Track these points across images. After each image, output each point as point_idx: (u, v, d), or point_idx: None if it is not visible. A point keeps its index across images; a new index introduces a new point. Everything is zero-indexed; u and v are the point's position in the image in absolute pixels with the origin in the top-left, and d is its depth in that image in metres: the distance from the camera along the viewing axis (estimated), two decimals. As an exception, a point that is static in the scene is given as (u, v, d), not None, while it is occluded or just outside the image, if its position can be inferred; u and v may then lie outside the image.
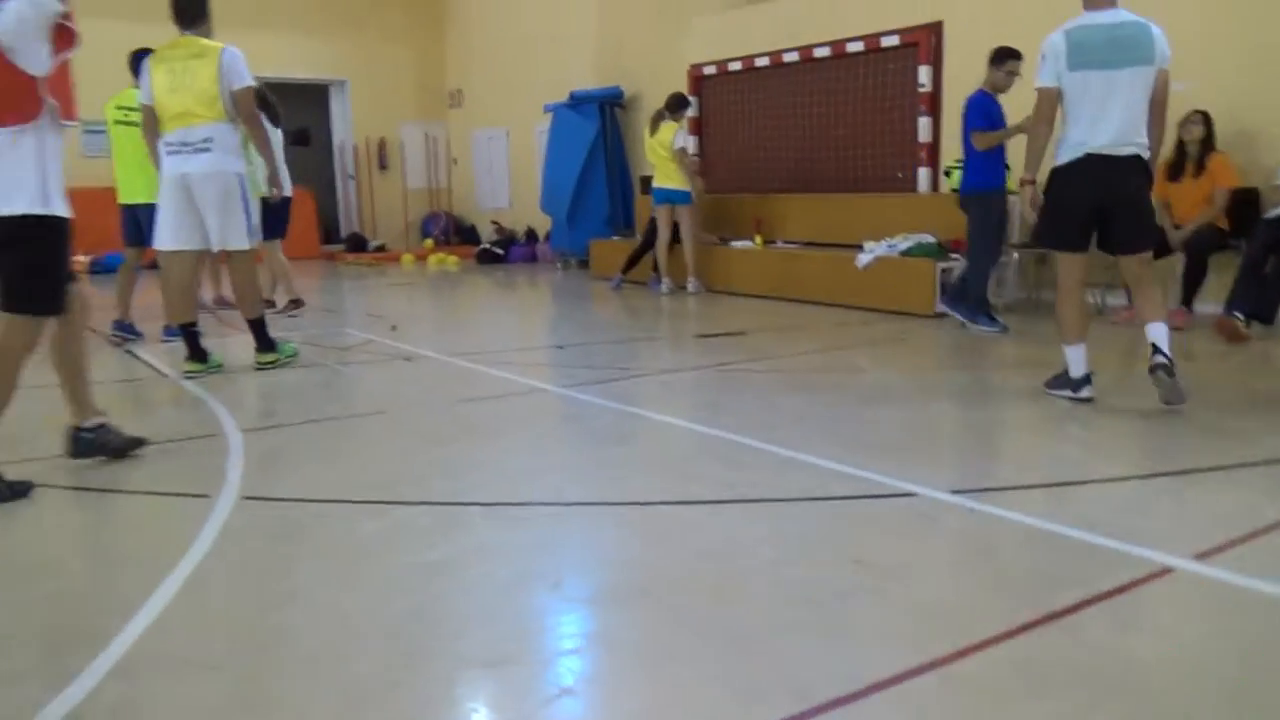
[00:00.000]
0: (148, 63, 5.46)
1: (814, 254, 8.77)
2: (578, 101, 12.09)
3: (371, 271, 12.78)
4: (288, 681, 2.09)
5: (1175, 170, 6.73)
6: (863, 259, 7.98)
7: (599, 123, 11.93)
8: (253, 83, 5.42)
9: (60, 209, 3.40)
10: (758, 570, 2.65)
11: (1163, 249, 6.84)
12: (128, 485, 3.55)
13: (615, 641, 2.29)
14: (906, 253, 7.79)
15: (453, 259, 13.61)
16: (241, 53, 5.38)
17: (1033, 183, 4.65)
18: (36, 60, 3.26)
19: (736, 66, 10.55)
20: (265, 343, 5.78)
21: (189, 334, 5.61)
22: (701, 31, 11.12)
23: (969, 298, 6.80)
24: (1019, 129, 6.17)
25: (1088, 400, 4.53)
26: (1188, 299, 6.64)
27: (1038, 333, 6.71)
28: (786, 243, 9.51)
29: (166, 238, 5.49)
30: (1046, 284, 7.10)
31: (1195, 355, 5.76)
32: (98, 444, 3.78)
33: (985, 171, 6.70)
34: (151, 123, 5.47)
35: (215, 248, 5.60)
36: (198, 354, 5.63)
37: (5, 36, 3.18)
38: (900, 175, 9.12)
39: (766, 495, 3.32)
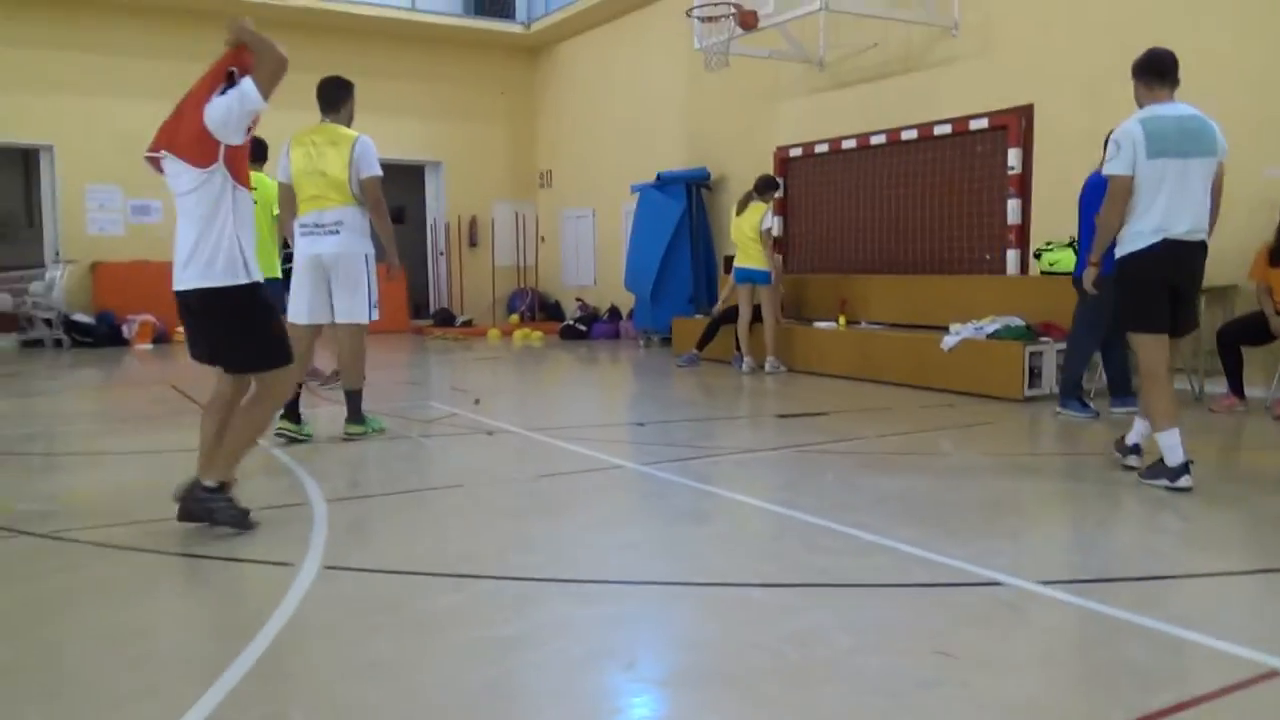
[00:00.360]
0: (288, 143, 5.79)
1: (898, 335, 8.68)
2: (664, 182, 12.29)
3: (458, 346, 13.04)
4: (361, 753, 2.09)
5: (1277, 255, 6.53)
6: (948, 341, 7.88)
7: (685, 203, 12.10)
8: (379, 173, 5.81)
9: (257, 275, 3.81)
10: (836, 658, 2.59)
11: (1264, 336, 6.62)
12: (215, 551, 3.64)
13: (688, 726, 2.25)
14: (994, 335, 7.66)
15: (537, 335, 13.82)
16: (373, 142, 5.77)
17: (1097, 266, 4.87)
18: (234, 138, 3.72)
19: (823, 148, 10.64)
20: (357, 415, 5.93)
21: (294, 396, 5.81)
22: (788, 114, 11.27)
23: (1066, 384, 6.63)
24: None
25: (1186, 490, 4.37)
26: (1293, 387, 6.38)
27: (1127, 420, 6.50)
28: (871, 324, 9.45)
29: (302, 312, 5.81)
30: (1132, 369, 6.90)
31: (1301, 446, 5.52)
32: (207, 507, 3.81)
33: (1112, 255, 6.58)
34: (288, 201, 5.84)
35: (339, 320, 5.86)
36: (294, 415, 5.82)
37: (211, 124, 3.65)
38: (989, 257, 9.03)
39: (846, 580, 3.26)
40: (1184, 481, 4.39)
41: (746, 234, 9.32)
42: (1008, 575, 3.23)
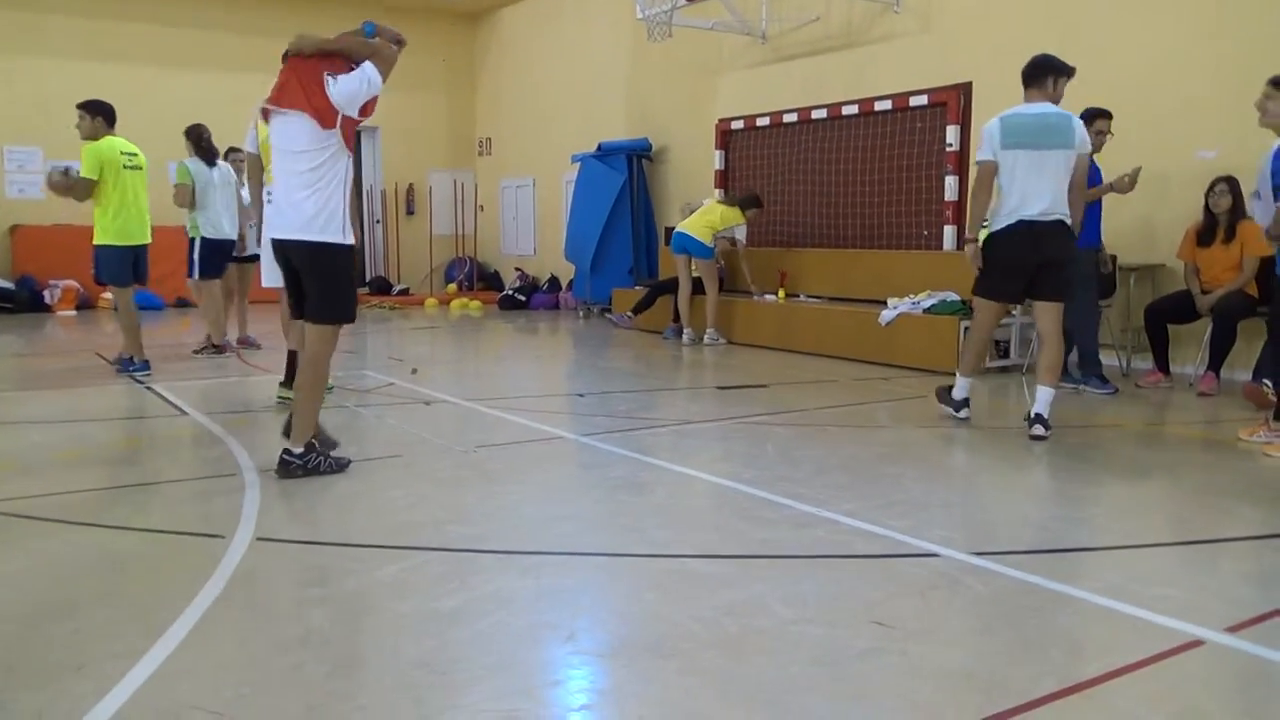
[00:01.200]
0: (256, 113, 5.67)
1: (837, 309, 8.75)
2: (606, 152, 12.20)
3: (395, 315, 12.86)
4: (295, 729, 2.05)
5: (1206, 236, 6.69)
6: (886, 315, 7.96)
7: (626, 174, 12.02)
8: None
9: (350, 239, 4.16)
10: (776, 628, 2.60)
11: (1190, 314, 6.79)
12: (143, 523, 3.55)
13: (630, 698, 2.24)
14: (930, 310, 7.76)
15: (475, 304, 13.68)
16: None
17: (974, 241, 5.45)
18: (352, 112, 4.08)
19: (764, 122, 10.63)
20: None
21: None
22: (730, 86, 11.23)
23: (1084, 360, 6.74)
24: (1109, 188, 6.44)
25: (965, 420, 5.54)
26: (1215, 365, 6.55)
27: (1058, 396, 6.65)
28: (810, 297, 9.51)
29: (276, 277, 5.69)
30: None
31: (1222, 422, 5.68)
32: (305, 468, 4.16)
33: (1088, 229, 6.73)
34: (256, 171, 5.77)
35: None
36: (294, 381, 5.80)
37: (339, 98, 4.01)
38: (926, 233, 9.12)
39: (785, 551, 3.27)
40: (964, 413, 5.57)
41: (707, 219, 9.36)
42: (944, 547, 3.27)
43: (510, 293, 14.05)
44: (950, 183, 8.82)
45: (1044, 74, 5.28)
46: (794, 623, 2.64)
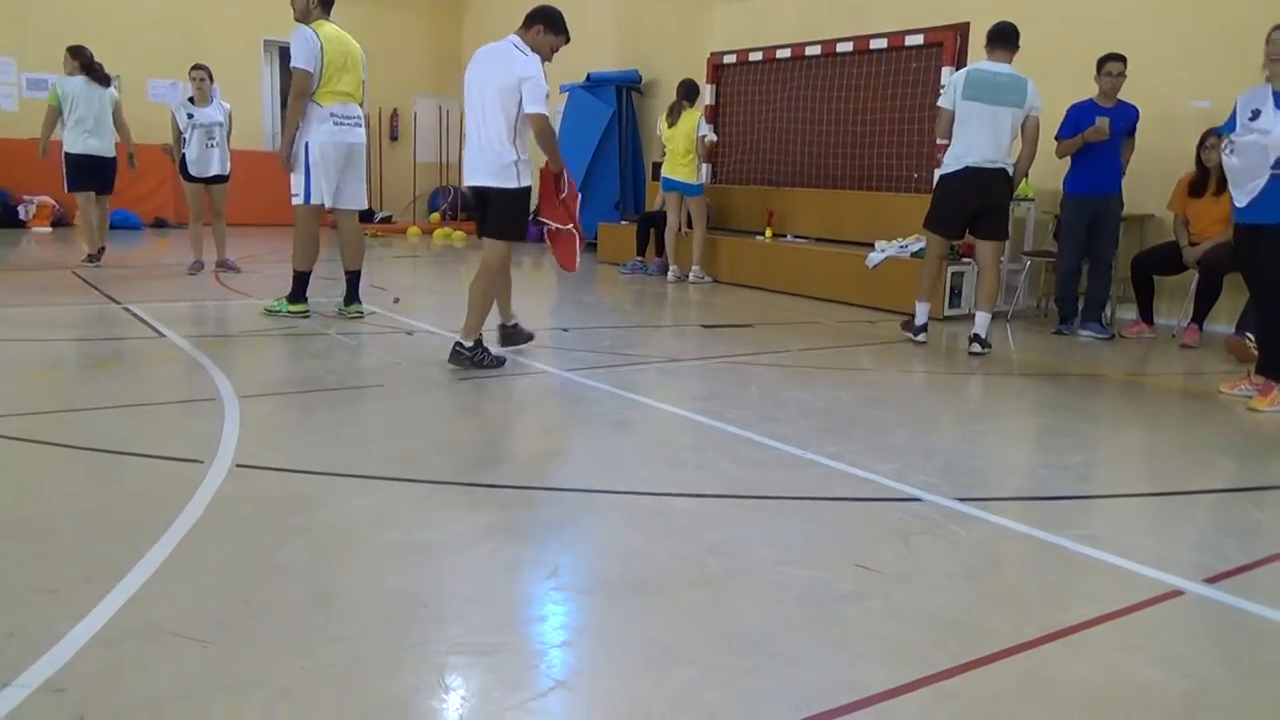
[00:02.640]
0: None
1: (824, 250, 8.69)
2: (594, 84, 11.99)
3: (376, 243, 12.70)
4: (275, 659, 2.03)
5: (1197, 188, 6.66)
6: (873, 258, 7.92)
7: (614, 106, 11.83)
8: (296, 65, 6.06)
9: (526, 182, 4.99)
10: (759, 569, 2.59)
11: (1177, 266, 6.79)
12: (121, 446, 3.50)
13: (611, 635, 2.23)
14: (917, 254, 7.71)
15: (459, 234, 13.52)
16: (308, 36, 6.06)
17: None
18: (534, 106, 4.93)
19: (757, 56, 10.45)
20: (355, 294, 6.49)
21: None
22: (724, 20, 11.02)
23: (1089, 304, 6.88)
24: (1083, 139, 6.57)
25: (922, 344, 6.21)
26: (1200, 317, 6.57)
27: (1044, 344, 6.66)
28: (797, 237, 9.44)
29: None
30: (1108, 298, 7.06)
31: (1205, 374, 5.71)
32: (472, 360, 4.94)
33: (1070, 175, 6.87)
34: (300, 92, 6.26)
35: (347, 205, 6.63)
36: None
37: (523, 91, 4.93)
38: (916, 176, 9.04)
39: (770, 492, 3.27)
40: (922, 337, 6.26)
41: (682, 144, 9.16)
42: (927, 492, 3.27)
43: (494, 223, 13.89)
44: (944, 125, 8.71)
45: (1011, 40, 5.98)
46: (777, 564, 2.63)
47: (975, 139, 5.84)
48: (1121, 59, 6.62)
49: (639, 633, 2.23)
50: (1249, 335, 5.93)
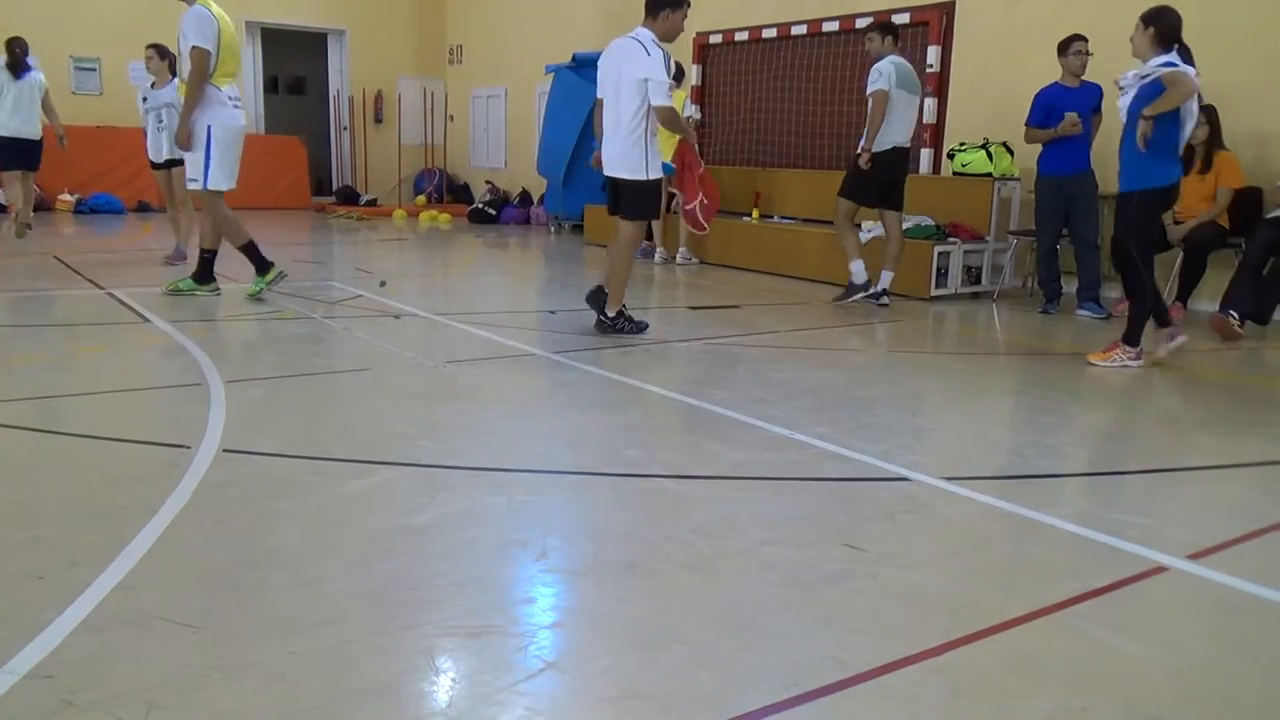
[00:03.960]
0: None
1: (811, 230, 8.69)
2: (581, 64, 11.90)
3: (362, 225, 12.64)
4: (263, 643, 2.03)
5: (1182, 165, 6.66)
6: (860, 237, 7.90)
7: (600, 86, 11.75)
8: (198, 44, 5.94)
9: (655, 174, 5.42)
10: (748, 549, 2.60)
11: (1161, 244, 6.81)
12: (107, 431, 3.48)
13: (601, 616, 2.24)
14: (904, 234, 7.71)
15: (445, 217, 13.47)
16: (204, 11, 5.89)
17: (869, 151, 6.67)
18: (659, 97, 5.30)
19: (743, 36, 10.42)
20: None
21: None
22: (708, -1, 10.97)
23: (1085, 284, 6.93)
24: (1056, 133, 6.69)
25: (880, 298, 6.87)
26: (1184, 295, 6.61)
27: (1030, 324, 6.68)
28: (784, 218, 9.43)
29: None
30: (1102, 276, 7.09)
31: (1189, 352, 5.74)
32: (616, 329, 5.56)
33: (1042, 156, 6.98)
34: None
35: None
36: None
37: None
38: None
39: (758, 473, 3.28)
40: (874, 288, 6.87)
41: (666, 140, 9.12)
42: (914, 471, 3.29)
43: (480, 206, 13.84)
44: (929, 104, 8.71)
45: (891, 36, 6.87)
46: (765, 544, 2.64)
47: (902, 122, 6.63)
48: (1086, 39, 6.64)
49: (629, 613, 2.24)
50: (1233, 313, 5.97)
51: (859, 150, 6.75)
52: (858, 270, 6.89)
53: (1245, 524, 2.93)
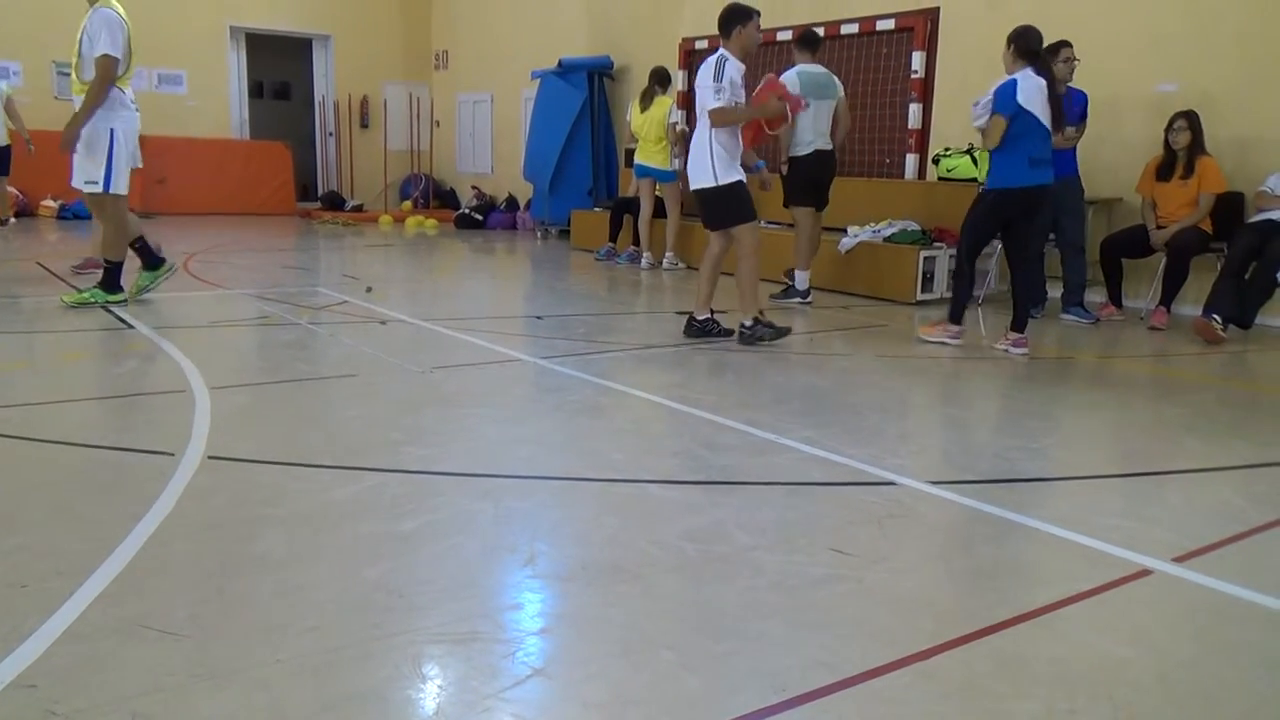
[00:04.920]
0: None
1: (794, 235, 8.68)
2: (566, 70, 11.92)
3: (348, 231, 12.61)
4: (249, 651, 2.02)
5: (1164, 171, 6.71)
6: (845, 243, 7.94)
7: (586, 92, 11.78)
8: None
9: (729, 178, 5.44)
10: (735, 554, 2.60)
11: (1145, 249, 6.85)
12: (90, 439, 3.46)
13: (588, 622, 2.23)
14: (890, 239, 7.75)
15: (431, 222, 13.44)
16: (112, 14, 5.72)
17: (788, 162, 7.24)
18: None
19: (728, 42, 10.42)
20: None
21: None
22: (695, 5, 10.99)
23: (1070, 289, 6.97)
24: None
25: (808, 303, 7.26)
26: (1168, 299, 6.64)
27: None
28: (770, 223, 9.44)
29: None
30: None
31: (1173, 355, 5.78)
32: (709, 331, 5.72)
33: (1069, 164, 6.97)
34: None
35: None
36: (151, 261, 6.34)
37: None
38: (888, 161, 9.07)
39: (745, 478, 3.28)
40: (809, 298, 7.33)
41: (655, 130, 9.15)
42: (900, 475, 3.30)
43: (467, 211, 13.82)
44: (914, 110, 8.76)
45: (819, 44, 7.27)
46: (753, 549, 2.64)
47: (817, 123, 7.01)
48: (1071, 45, 6.68)
49: (616, 619, 2.23)
50: (1216, 317, 6.01)
51: (782, 161, 7.34)
52: (801, 278, 7.37)
53: (1229, 527, 2.95)
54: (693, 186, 5.60)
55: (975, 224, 5.69)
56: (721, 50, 5.52)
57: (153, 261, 6.36)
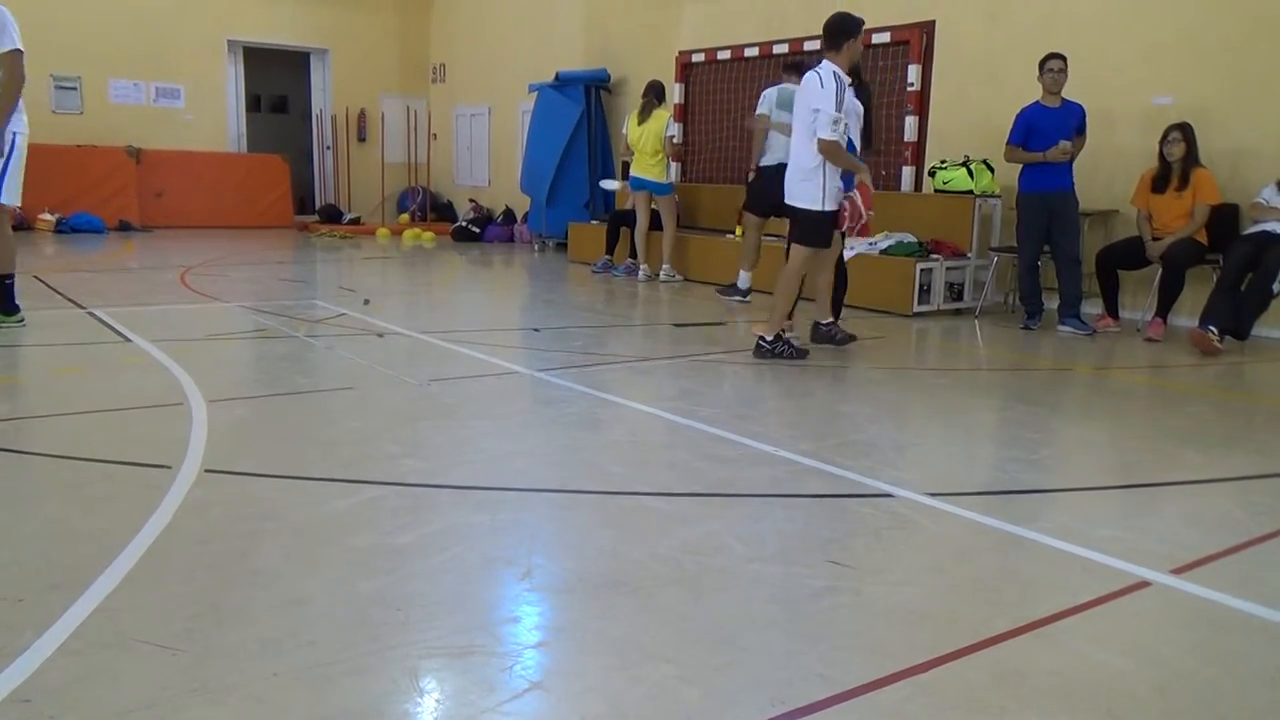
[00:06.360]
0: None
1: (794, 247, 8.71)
2: (563, 82, 11.95)
3: (345, 244, 12.62)
4: (246, 665, 2.01)
5: (1159, 183, 6.73)
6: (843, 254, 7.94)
7: (583, 105, 11.81)
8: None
9: (830, 205, 5.46)
10: (732, 566, 2.60)
11: (1141, 260, 6.87)
12: (87, 452, 3.45)
13: (586, 634, 2.23)
14: (886, 251, 7.76)
15: (428, 235, 13.46)
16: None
17: (756, 170, 7.69)
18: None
19: (725, 55, 10.48)
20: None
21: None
22: (692, 18, 11.04)
23: (1066, 300, 6.97)
24: (1043, 158, 6.76)
25: (746, 302, 7.77)
26: (1164, 311, 6.65)
27: (1012, 340, 6.72)
28: (767, 235, 9.45)
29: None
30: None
31: (1170, 367, 5.78)
32: (776, 351, 5.56)
33: (1023, 174, 7.05)
34: None
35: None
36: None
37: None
38: (884, 173, 9.09)
39: (743, 490, 3.28)
40: (748, 298, 7.83)
41: (651, 143, 9.18)
42: (897, 487, 3.29)
43: (464, 224, 13.84)
44: (910, 123, 8.78)
45: (797, 70, 6.97)
46: (751, 561, 2.64)
47: (784, 143, 6.75)
48: (1061, 57, 6.72)
49: (614, 632, 2.23)
50: (1212, 328, 6.02)
51: (751, 169, 7.76)
52: (745, 279, 7.92)
53: (1228, 538, 2.95)
54: (794, 203, 5.54)
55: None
56: (827, 63, 5.33)
57: (8, 307, 5.73)
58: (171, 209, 13.56)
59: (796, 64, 7.55)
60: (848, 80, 5.32)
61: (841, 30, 5.33)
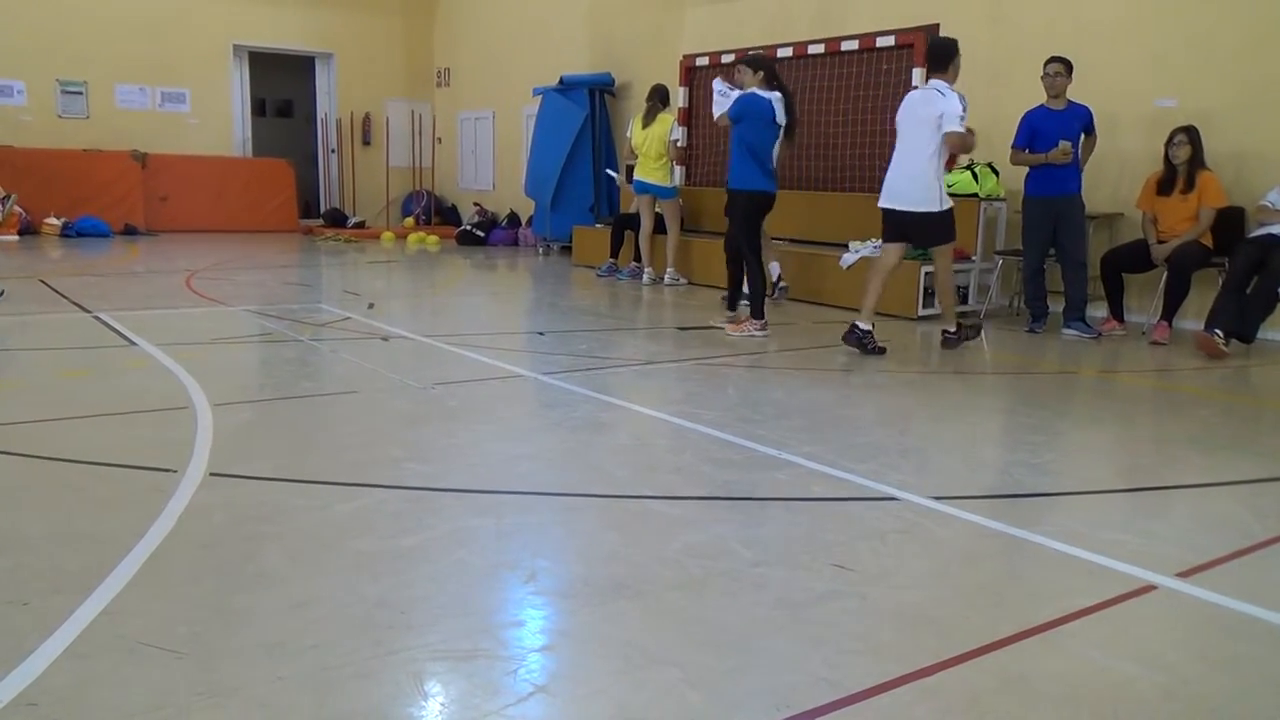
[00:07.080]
0: None
1: (798, 251, 8.72)
2: (568, 86, 11.96)
3: (350, 248, 12.63)
4: (250, 669, 2.01)
5: (1165, 186, 6.72)
6: (847, 259, 7.95)
7: (588, 109, 11.81)
8: None
9: (949, 204, 5.99)
10: (737, 570, 2.60)
11: (1146, 264, 6.86)
12: (92, 456, 3.46)
13: (591, 638, 2.23)
14: (890, 254, 7.74)
15: (433, 239, 13.47)
16: None
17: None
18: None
19: (729, 59, 10.46)
20: None
21: None
22: (696, 22, 11.04)
23: (1071, 304, 6.94)
24: (1046, 159, 6.73)
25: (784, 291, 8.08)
26: (1169, 314, 6.64)
27: (1017, 343, 6.72)
28: (771, 239, 9.45)
29: None
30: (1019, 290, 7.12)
31: (1173, 370, 5.77)
32: (962, 337, 6.11)
33: (1029, 177, 7.03)
34: None
35: None
36: None
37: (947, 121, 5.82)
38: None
39: (747, 493, 3.28)
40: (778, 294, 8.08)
41: (655, 147, 9.18)
42: (902, 491, 3.29)
43: (468, 228, 13.85)
44: (915, 126, 8.75)
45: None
46: (756, 565, 2.64)
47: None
48: (1060, 60, 6.72)
49: (619, 635, 2.23)
50: (1218, 331, 6.01)
51: None
52: (772, 270, 8.07)
53: (1234, 542, 2.94)
54: (913, 209, 5.94)
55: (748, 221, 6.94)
56: (940, 82, 5.91)
57: None
58: (177, 213, 13.58)
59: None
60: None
61: (948, 52, 6.01)
